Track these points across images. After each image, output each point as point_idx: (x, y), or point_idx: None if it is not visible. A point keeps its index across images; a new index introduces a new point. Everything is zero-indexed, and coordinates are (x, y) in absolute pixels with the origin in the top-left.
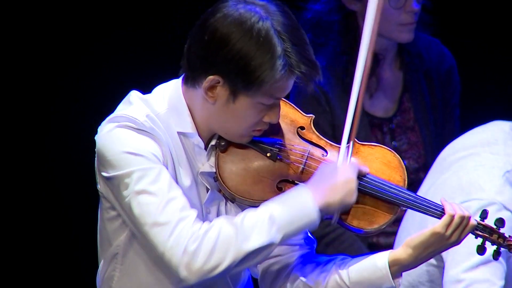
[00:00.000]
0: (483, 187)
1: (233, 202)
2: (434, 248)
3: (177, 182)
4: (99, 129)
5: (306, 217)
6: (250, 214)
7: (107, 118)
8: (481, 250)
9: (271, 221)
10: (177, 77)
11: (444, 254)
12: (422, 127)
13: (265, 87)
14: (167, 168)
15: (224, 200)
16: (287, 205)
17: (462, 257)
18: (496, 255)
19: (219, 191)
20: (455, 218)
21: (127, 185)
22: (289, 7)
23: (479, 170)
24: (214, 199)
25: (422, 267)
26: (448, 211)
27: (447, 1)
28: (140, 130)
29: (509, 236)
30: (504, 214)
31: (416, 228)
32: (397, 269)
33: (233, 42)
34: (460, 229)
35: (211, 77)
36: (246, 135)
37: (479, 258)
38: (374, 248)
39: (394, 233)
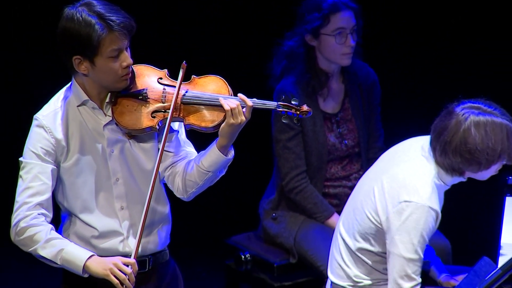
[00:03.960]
0: (419, 193)
1: (131, 136)
2: (237, 127)
3: (82, 148)
4: None
5: (76, 267)
6: (59, 240)
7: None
8: (286, 119)
9: (59, 253)
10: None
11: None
12: (357, 119)
13: (103, 46)
14: (53, 153)
15: (127, 141)
16: (73, 253)
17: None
18: (298, 121)
19: (124, 135)
20: (232, 110)
21: (20, 168)
22: (274, 43)
23: (417, 175)
24: (116, 142)
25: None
26: (225, 107)
27: (372, 39)
28: (39, 127)
29: (300, 106)
30: (431, 214)
31: (361, 197)
32: (225, 149)
33: (67, 28)
34: (241, 113)
35: (73, 58)
36: (119, 81)
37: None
38: (325, 195)
39: (340, 186)
